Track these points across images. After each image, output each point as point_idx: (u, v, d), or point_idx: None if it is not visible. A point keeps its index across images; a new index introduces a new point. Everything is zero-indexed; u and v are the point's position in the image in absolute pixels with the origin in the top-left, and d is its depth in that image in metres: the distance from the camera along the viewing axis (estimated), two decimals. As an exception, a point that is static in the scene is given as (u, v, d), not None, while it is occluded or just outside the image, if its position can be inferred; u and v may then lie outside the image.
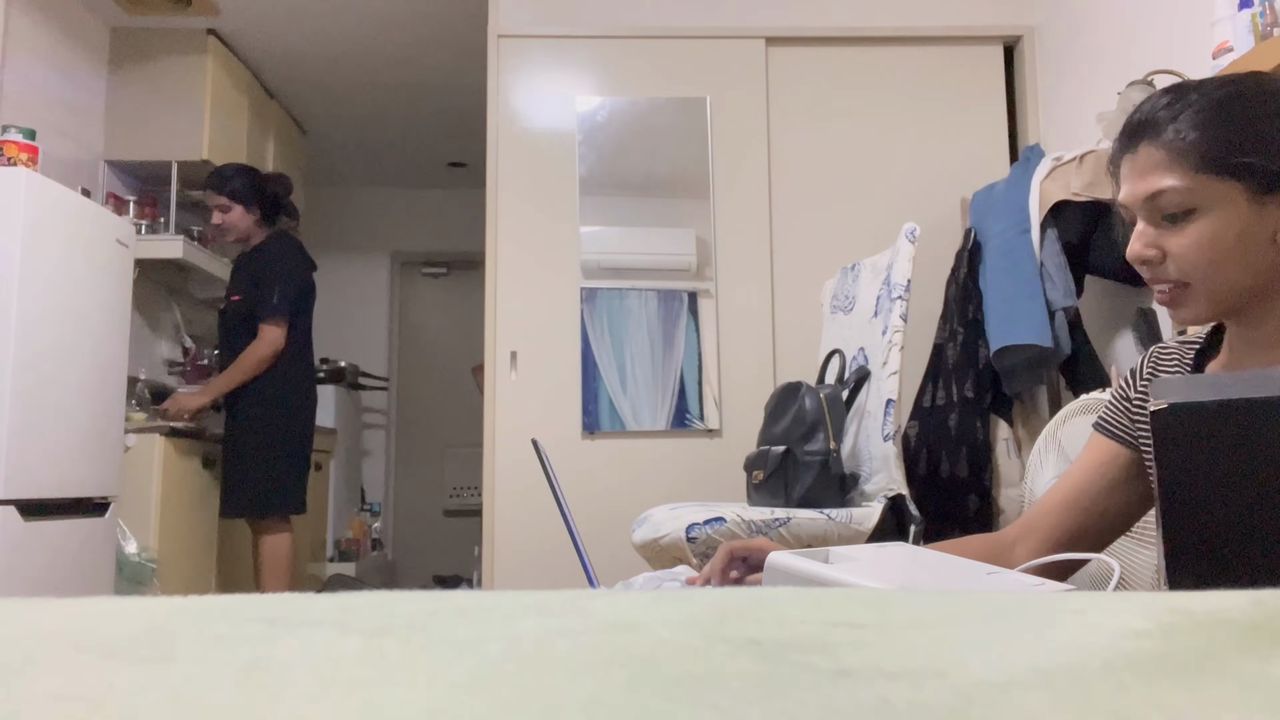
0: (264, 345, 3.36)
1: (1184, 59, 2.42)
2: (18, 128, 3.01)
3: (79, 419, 2.95)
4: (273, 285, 3.39)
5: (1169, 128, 1.04)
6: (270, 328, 3.36)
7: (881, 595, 0.47)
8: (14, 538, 2.65)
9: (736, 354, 3.25)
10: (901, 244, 2.32)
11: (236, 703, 0.28)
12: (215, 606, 0.40)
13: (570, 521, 1.26)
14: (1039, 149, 3.02)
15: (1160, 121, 1.05)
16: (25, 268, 2.71)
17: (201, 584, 3.65)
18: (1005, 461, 2.77)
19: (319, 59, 4.42)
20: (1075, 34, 3.16)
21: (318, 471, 4.40)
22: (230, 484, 3.46)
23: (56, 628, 0.38)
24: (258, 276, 3.44)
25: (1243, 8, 2.09)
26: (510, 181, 3.28)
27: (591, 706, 0.28)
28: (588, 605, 0.40)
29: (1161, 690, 0.31)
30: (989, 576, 0.94)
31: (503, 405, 3.17)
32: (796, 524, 2.11)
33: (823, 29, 3.41)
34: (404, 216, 6.11)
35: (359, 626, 0.36)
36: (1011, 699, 0.29)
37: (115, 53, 4.05)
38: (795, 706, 0.28)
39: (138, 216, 3.98)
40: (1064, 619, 0.40)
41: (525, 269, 3.24)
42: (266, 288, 3.39)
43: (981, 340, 2.81)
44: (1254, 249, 1.02)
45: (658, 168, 3.32)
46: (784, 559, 0.96)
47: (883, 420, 2.24)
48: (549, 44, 3.37)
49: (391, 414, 6.05)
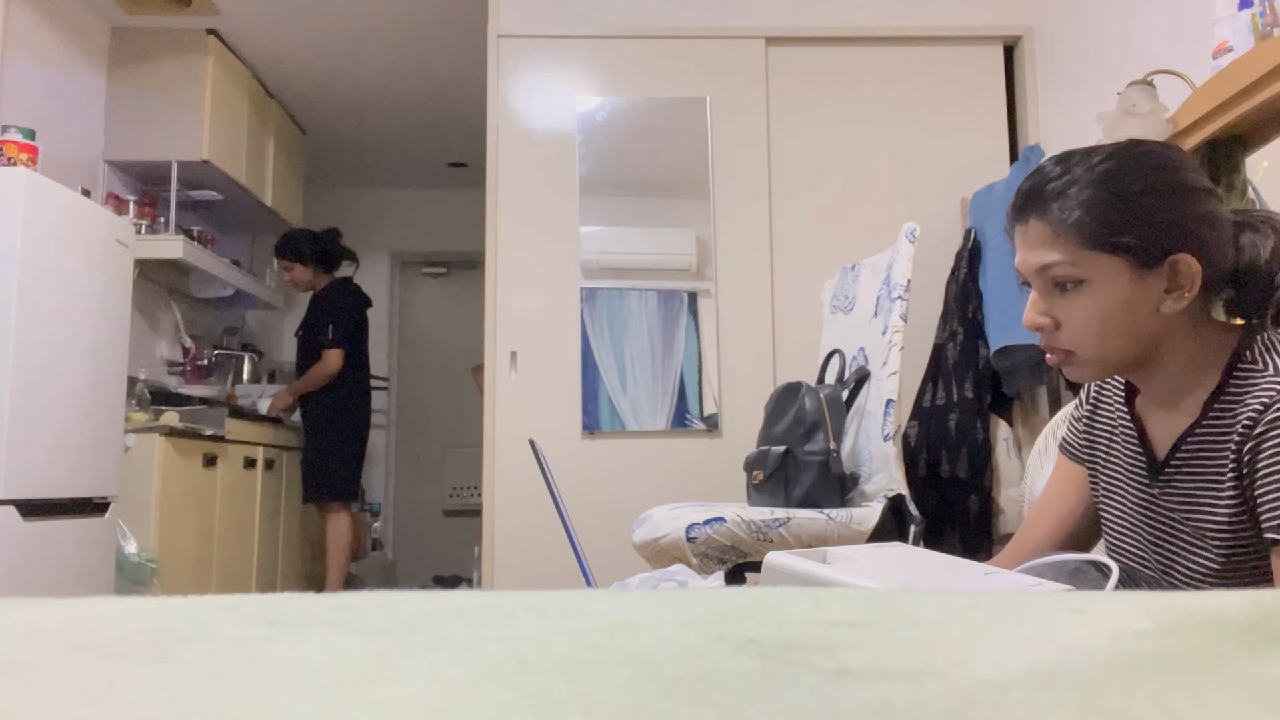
0: (324, 366, 4.34)
1: (1184, 59, 2.42)
2: (18, 128, 3.01)
3: (79, 419, 2.95)
4: (328, 324, 4.37)
5: (1054, 205, 1.08)
6: (330, 354, 4.34)
7: (881, 595, 0.46)
8: (14, 538, 2.65)
9: (736, 354, 3.25)
10: (901, 244, 2.32)
11: (236, 703, 0.28)
12: (215, 606, 0.40)
13: (567, 521, 1.26)
14: (1039, 149, 3.02)
15: (1047, 197, 1.09)
16: (25, 268, 2.71)
17: (201, 584, 3.65)
18: (1005, 461, 2.77)
19: (319, 59, 4.42)
20: (1075, 34, 3.16)
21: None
22: (308, 475, 4.39)
23: (56, 628, 0.38)
24: (316, 316, 4.44)
25: (1243, 8, 2.09)
26: (510, 181, 3.28)
27: (591, 706, 0.28)
28: (588, 605, 0.40)
29: (1161, 690, 0.31)
30: (987, 576, 0.94)
31: (503, 405, 3.17)
32: (796, 524, 2.11)
33: (823, 29, 3.41)
34: (404, 216, 6.11)
35: (359, 626, 0.36)
36: (1011, 699, 0.29)
37: (115, 53, 4.05)
38: (795, 706, 0.28)
39: (138, 216, 3.98)
40: (1064, 619, 0.40)
41: (525, 269, 3.24)
42: (323, 326, 4.37)
43: (981, 340, 2.81)
44: (1139, 319, 1.07)
45: (658, 168, 3.32)
46: (782, 559, 0.96)
47: (883, 420, 2.24)
48: (549, 44, 3.37)
49: (391, 414, 6.05)
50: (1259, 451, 1.01)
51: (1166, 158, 1.09)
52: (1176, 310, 1.06)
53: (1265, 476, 1.00)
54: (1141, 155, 1.09)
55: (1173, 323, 1.08)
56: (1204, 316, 1.10)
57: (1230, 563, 1.06)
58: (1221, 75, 2.11)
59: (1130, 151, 1.09)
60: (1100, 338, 1.08)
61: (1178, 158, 1.10)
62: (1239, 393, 1.05)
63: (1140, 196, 1.06)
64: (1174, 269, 1.05)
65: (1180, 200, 1.06)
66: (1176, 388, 1.11)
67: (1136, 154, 1.09)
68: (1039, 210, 1.09)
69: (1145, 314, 1.06)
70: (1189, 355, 1.09)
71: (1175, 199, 1.06)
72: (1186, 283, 1.05)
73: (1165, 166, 1.08)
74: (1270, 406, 1.00)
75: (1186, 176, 1.08)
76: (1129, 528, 1.19)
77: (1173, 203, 1.06)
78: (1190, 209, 1.06)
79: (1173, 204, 1.06)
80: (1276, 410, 1.00)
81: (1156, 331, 1.08)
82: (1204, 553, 1.08)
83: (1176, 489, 1.11)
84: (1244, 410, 1.03)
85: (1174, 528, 1.13)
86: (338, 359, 4.34)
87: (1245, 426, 1.02)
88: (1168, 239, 1.04)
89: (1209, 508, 1.07)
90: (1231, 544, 1.06)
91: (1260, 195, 2.13)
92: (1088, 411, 1.28)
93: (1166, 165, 1.08)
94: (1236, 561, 1.06)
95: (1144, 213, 1.05)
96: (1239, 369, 1.06)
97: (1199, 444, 1.08)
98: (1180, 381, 1.11)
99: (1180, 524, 1.12)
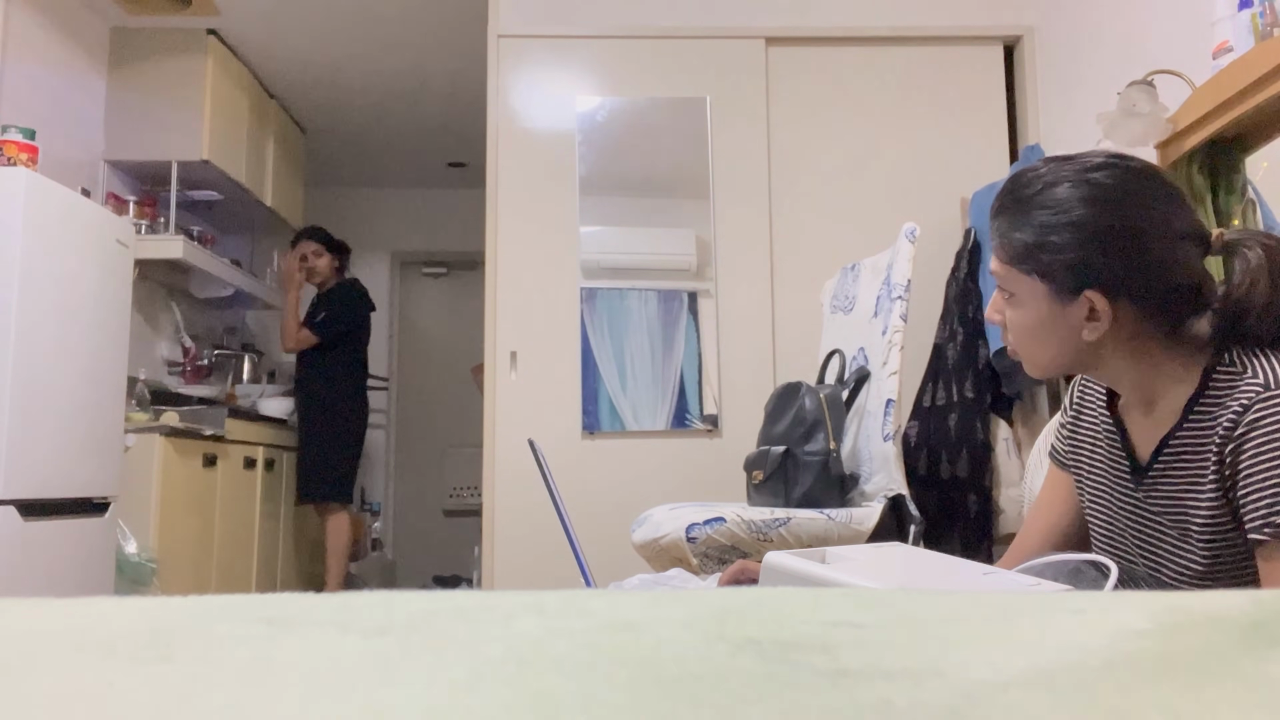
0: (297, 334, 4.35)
1: (1184, 59, 2.42)
2: (18, 128, 3.01)
3: (79, 419, 2.95)
4: (324, 314, 4.42)
5: (1004, 216, 1.13)
6: (305, 334, 4.36)
7: (881, 595, 0.46)
8: (14, 538, 2.65)
9: (736, 354, 3.25)
10: (901, 244, 2.32)
11: (236, 703, 0.28)
12: (215, 606, 0.40)
13: (566, 521, 1.26)
14: (1039, 149, 3.02)
15: (1004, 207, 1.13)
16: (25, 268, 2.71)
17: (201, 584, 3.65)
18: (1005, 461, 2.77)
19: (319, 59, 4.42)
20: (1075, 34, 3.16)
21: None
22: (303, 476, 4.38)
23: (56, 628, 0.38)
24: (319, 308, 4.47)
25: (1243, 8, 2.09)
26: (510, 181, 3.28)
27: (591, 706, 0.28)
28: (588, 605, 0.40)
29: (1161, 690, 0.31)
30: (986, 576, 0.94)
31: (503, 405, 3.17)
32: (796, 524, 2.11)
33: (823, 29, 3.41)
34: (404, 216, 6.10)
35: (359, 626, 0.36)
36: (1011, 699, 0.29)
37: (115, 53, 4.05)
38: (795, 706, 0.28)
39: (138, 216, 3.98)
40: (1064, 619, 0.40)
41: (525, 269, 3.24)
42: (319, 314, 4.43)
43: (981, 340, 2.81)
44: (1063, 339, 1.10)
45: (658, 168, 3.32)
46: (781, 559, 0.96)
47: (883, 420, 2.24)
48: (549, 44, 3.37)
49: (391, 414, 6.05)
50: (1240, 452, 1.01)
51: (1122, 191, 1.07)
52: (1094, 339, 1.08)
53: (1247, 477, 1.00)
54: (1092, 185, 1.07)
55: (1108, 343, 1.09)
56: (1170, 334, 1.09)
57: (1216, 563, 1.06)
58: (1221, 75, 2.11)
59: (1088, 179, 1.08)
60: (1030, 347, 1.14)
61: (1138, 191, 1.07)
62: (1219, 395, 1.05)
63: (1067, 229, 1.06)
64: (1090, 303, 1.07)
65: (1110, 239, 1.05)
66: (1151, 392, 1.12)
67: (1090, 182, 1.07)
68: (997, 215, 1.14)
69: (1068, 335, 1.10)
70: (1147, 370, 1.10)
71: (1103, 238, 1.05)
72: (1102, 316, 1.07)
73: (1110, 200, 1.06)
74: (1250, 408, 1.00)
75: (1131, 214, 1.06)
76: (1116, 532, 1.20)
77: (1096, 241, 1.05)
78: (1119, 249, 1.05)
79: (1095, 243, 1.05)
80: (1257, 411, 1.00)
81: (1086, 349, 1.10)
82: (1189, 554, 1.09)
83: (1160, 491, 1.12)
84: (1224, 412, 1.03)
85: (1160, 530, 1.13)
86: (306, 341, 4.34)
87: (1226, 428, 1.02)
88: (1079, 277, 1.06)
89: (1192, 508, 1.07)
90: (1216, 544, 1.06)
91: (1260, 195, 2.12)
92: (1071, 418, 1.29)
93: (1112, 199, 1.06)
94: (1221, 562, 1.06)
95: (1063, 247, 1.07)
96: (1218, 372, 1.06)
97: (1181, 446, 1.09)
98: (1153, 387, 1.11)
99: (1166, 526, 1.12)
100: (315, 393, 4.39)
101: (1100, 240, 1.06)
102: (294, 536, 4.56)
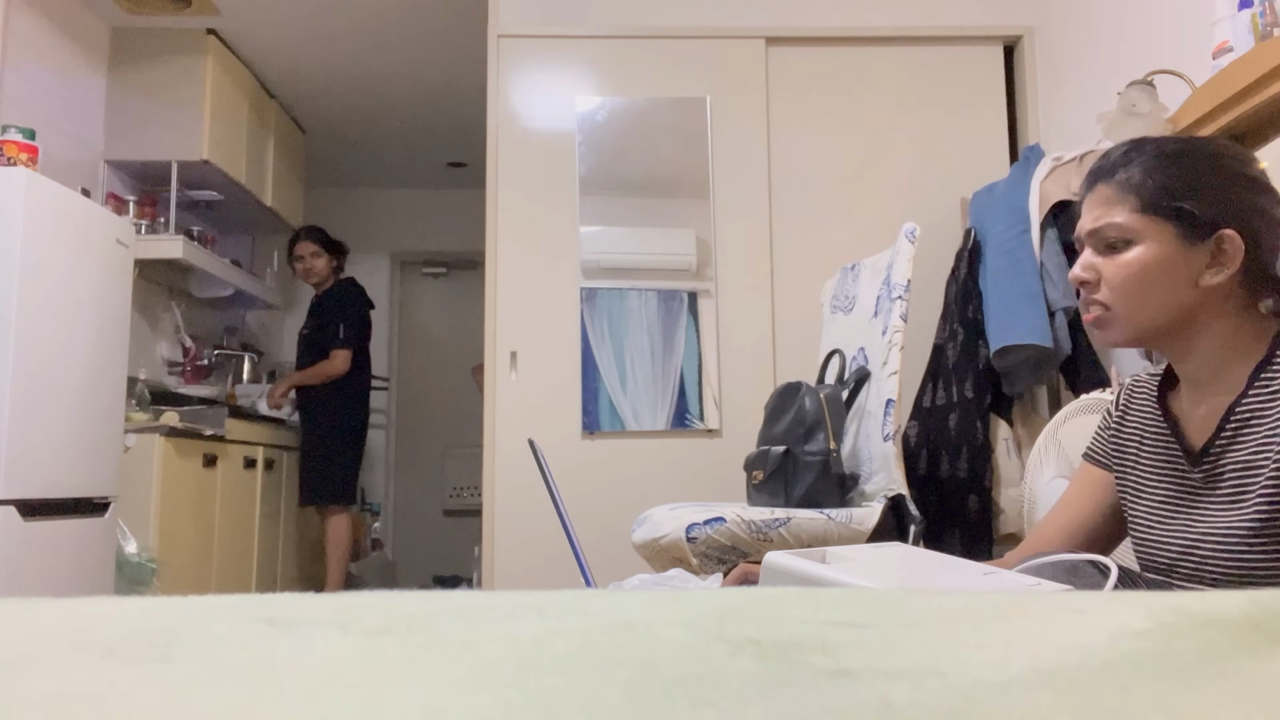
0: (330, 365, 4.34)
1: (1184, 59, 2.42)
2: (18, 128, 3.01)
3: (79, 419, 2.95)
4: (338, 323, 4.38)
5: (1121, 171, 1.18)
6: (338, 354, 4.35)
7: (881, 595, 0.46)
8: (14, 538, 2.65)
9: (736, 354, 3.25)
10: (901, 244, 2.32)
11: (236, 703, 0.28)
12: (215, 606, 0.40)
13: (566, 521, 1.26)
14: (1039, 149, 3.02)
15: (1115, 166, 1.19)
16: (25, 268, 2.71)
17: (201, 584, 3.65)
18: (1005, 461, 2.77)
19: (319, 59, 4.42)
20: (1075, 34, 3.16)
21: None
22: (306, 478, 4.39)
23: (56, 628, 0.38)
24: (327, 314, 4.44)
25: (1243, 8, 2.09)
26: (510, 182, 3.28)
27: (591, 706, 0.28)
28: (588, 605, 0.40)
29: (1161, 690, 0.31)
30: (986, 576, 0.94)
31: (503, 405, 3.17)
32: (796, 524, 2.11)
33: (823, 29, 3.41)
34: (404, 216, 6.10)
35: (359, 626, 0.36)
36: (1011, 699, 0.29)
37: (115, 53, 4.05)
38: (795, 706, 0.28)
39: (138, 216, 3.98)
40: (1064, 619, 0.40)
41: (525, 269, 3.24)
42: (333, 325, 4.39)
43: (981, 340, 2.81)
44: (1176, 286, 1.13)
45: (658, 168, 3.32)
46: (780, 559, 0.96)
47: (883, 420, 2.24)
48: (549, 44, 3.37)
49: (391, 414, 6.05)
50: None
51: (1236, 150, 1.19)
52: (1215, 284, 1.12)
53: None
54: (1209, 142, 1.20)
55: (1210, 299, 1.13)
56: (1247, 308, 1.14)
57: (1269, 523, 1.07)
58: (1221, 75, 2.11)
59: (1199, 140, 1.20)
60: (1137, 296, 1.15)
61: (1246, 155, 1.19)
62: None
63: (1201, 172, 1.14)
64: (1219, 245, 1.11)
65: (1239, 186, 1.14)
66: (1218, 366, 1.15)
67: (1205, 141, 1.19)
68: (1106, 176, 1.18)
69: (1183, 282, 1.12)
70: (1225, 338, 1.14)
71: (1234, 183, 1.14)
72: (1229, 259, 1.11)
73: (1232, 155, 1.17)
74: None
75: (1252, 169, 1.16)
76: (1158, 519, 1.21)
77: (1231, 184, 1.14)
78: (1247, 197, 1.14)
79: (1231, 185, 1.14)
80: None
81: (1191, 304, 1.13)
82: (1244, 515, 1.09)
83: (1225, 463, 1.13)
84: None
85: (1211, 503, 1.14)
86: (345, 361, 4.34)
87: None
88: (1219, 213, 1.11)
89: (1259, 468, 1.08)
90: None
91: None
92: (1117, 419, 1.32)
93: (1233, 155, 1.17)
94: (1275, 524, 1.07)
95: (1202, 185, 1.13)
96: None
97: (1246, 414, 1.11)
98: (1220, 361, 1.15)
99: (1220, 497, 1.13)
100: (317, 394, 4.39)
101: (1242, 186, 1.14)
102: (294, 536, 4.56)
